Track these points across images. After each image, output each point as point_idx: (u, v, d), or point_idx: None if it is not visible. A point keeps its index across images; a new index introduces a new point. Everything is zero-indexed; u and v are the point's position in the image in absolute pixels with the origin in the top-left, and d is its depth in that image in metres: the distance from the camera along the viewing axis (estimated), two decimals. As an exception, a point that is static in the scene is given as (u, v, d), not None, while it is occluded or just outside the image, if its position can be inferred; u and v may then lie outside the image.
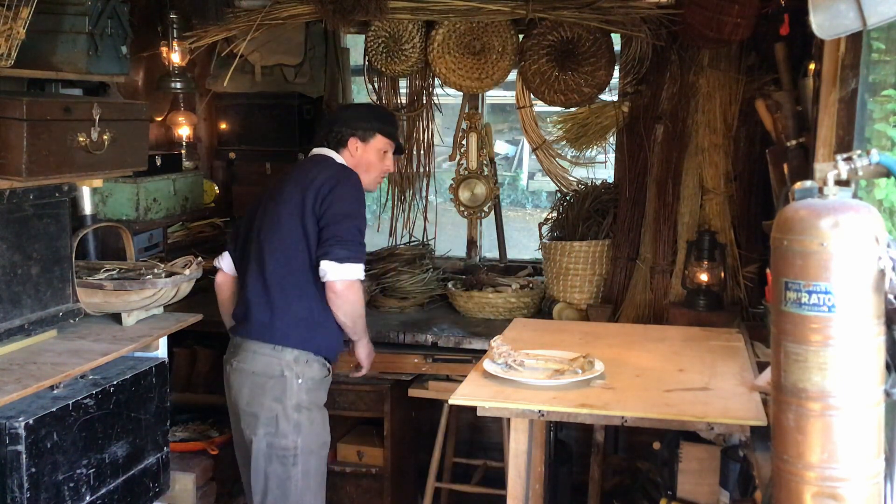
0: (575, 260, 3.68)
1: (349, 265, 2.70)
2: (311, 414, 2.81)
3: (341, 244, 2.70)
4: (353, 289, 2.73)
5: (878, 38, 2.40)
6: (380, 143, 2.97)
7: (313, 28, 4.20)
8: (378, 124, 2.97)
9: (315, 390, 2.83)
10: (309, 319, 2.79)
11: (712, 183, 3.56)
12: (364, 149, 2.95)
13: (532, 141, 4.01)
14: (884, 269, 1.36)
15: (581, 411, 2.18)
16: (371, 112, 3.10)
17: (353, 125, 2.95)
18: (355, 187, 2.82)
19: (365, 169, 2.94)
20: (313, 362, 2.81)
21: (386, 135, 2.99)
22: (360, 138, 2.95)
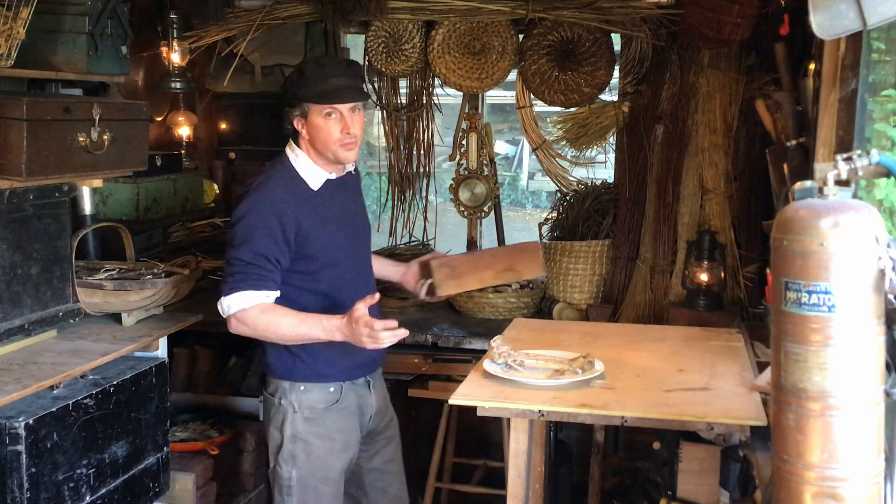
0: (575, 260, 3.68)
1: (218, 303, 2.49)
2: (310, 446, 2.61)
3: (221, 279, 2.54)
4: (232, 323, 2.48)
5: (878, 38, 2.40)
6: (317, 112, 2.50)
7: (313, 28, 4.20)
8: (302, 89, 2.50)
9: (316, 420, 2.61)
10: (281, 348, 2.60)
11: (712, 183, 3.56)
12: (308, 125, 2.53)
13: (532, 141, 4.01)
14: (884, 269, 1.36)
15: (581, 411, 2.18)
16: (293, 76, 2.56)
17: (287, 101, 2.57)
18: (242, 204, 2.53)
19: (321, 146, 2.54)
20: (313, 389, 2.61)
21: (317, 100, 2.49)
22: (298, 115, 2.54)
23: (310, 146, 2.57)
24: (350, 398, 2.65)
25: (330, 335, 2.45)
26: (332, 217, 2.61)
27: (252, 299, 2.45)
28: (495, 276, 2.92)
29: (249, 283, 2.45)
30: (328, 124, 2.50)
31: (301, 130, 2.55)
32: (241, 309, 2.45)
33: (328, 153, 2.55)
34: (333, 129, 2.50)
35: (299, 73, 2.52)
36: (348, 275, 2.64)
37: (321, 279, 2.59)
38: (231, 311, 2.46)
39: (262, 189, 2.54)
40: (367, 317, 2.39)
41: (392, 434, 2.86)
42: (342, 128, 2.50)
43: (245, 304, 2.45)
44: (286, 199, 2.52)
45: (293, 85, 2.52)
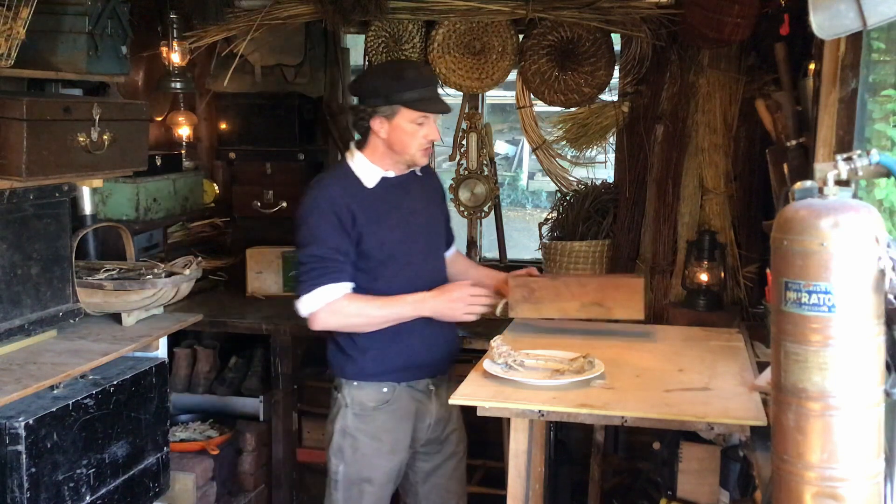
0: (575, 260, 3.67)
1: (296, 303, 2.56)
2: (357, 442, 2.64)
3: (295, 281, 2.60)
4: (316, 320, 2.53)
5: (878, 38, 2.40)
6: (407, 117, 2.53)
7: (313, 28, 4.20)
8: (398, 93, 2.51)
9: (365, 417, 2.64)
10: (336, 347, 2.68)
11: (712, 183, 3.57)
12: (391, 127, 2.55)
13: (532, 141, 4.01)
14: (884, 269, 1.36)
15: (581, 411, 2.18)
16: (387, 76, 2.58)
17: (370, 100, 2.55)
18: (302, 206, 2.59)
19: (399, 148, 2.58)
20: (365, 387, 2.64)
21: (413, 106, 2.52)
22: (384, 116, 2.54)
23: (382, 146, 2.59)
24: (404, 400, 2.66)
25: (417, 310, 2.56)
26: (388, 215, 2.62)
27: (336, 291, 2.52)
28: (579, 309, 2.66)
29: (328, 277, 2.51)
30: (416, 130, 2.55)
31: (379, 130, 2.56)
32: (327, 302, 2.51)
33: (405, 156, 2.59)
34: (420, 134, 2.56)
35: (396, 77, 2.53)
36: (405, 273, 2.64)
37: (378, 277, 2.60)
38: (317, 307, 2.51)
39: (318, 187, 2.60)
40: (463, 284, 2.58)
41: (455, 451, 2.84)
42: (426, 134, 2.57)
43: (330, 297, 2.51)
44: (341, 195, 2.56)
45: (389, 87, 2.52)
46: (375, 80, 2.60)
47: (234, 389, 3.87)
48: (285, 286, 4.21)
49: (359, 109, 2.58)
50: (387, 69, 2.61)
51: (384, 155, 2.60)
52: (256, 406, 3.87)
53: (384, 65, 2.77)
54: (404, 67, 2.60)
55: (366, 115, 2.56)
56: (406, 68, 2.62)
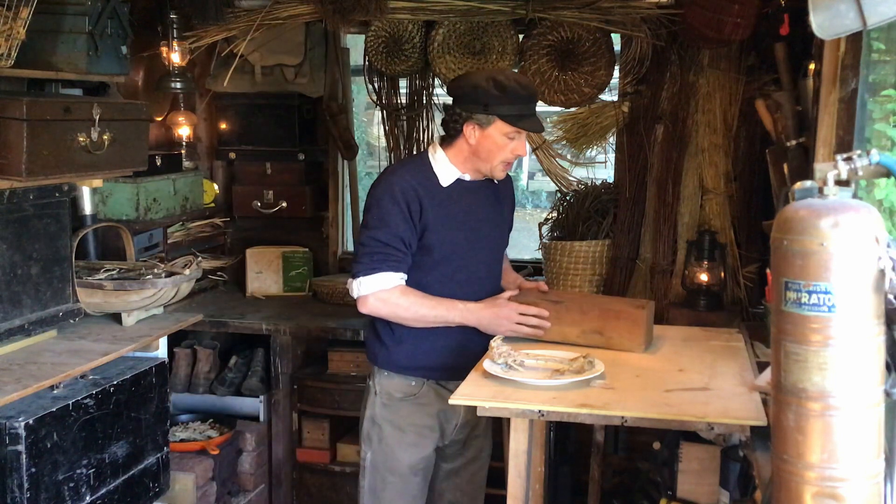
0: (575, 260, 3.68)
1: (351, 282, 2.59)
2: (382, 431, 2.68)
3: (353, 259, 2.63)
4: (367, 304, 2.56)
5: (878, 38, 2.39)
6: (501, 129, 2.53)
7: (313, 28, 4.20)
8: (498, 105, 2.50)
9: (392, 407, 2.68)
10: (373, 334, 2.72)
11: (712, 183, 3.56)
12: (482, 135, 2.54)
13: (532, 141, 4.00)
14: (884, 269, 1.36)
15: (581, 411, 2.17)
16: (491, 85, 2.52)
17: (468, 105, 2.54)
18: (377, 188, 2.62)
19: (485, 157, 2.58)
20: (394, 377, 2.68)
21: (509, 120, 2.52)
22: (478, 123, 2.54)
23: (468, 151, 2.59)
24: (430, 397, 2.68)
25: (464, 318, 2.59)
26: (455, 216, 2.63)
27: (392, 280, 2.54)
28: (579, 336, 2.63)
29: (388, 265, 2.53)
30: (506, 143, 2.55)
31: (469, 136, 2.55)
32: (381, 289, 2.53)
33: (488, 165, 2.59)
34: (508, 148, 2.56)
35: (500, 88, 2.50)
36: (460, 275, 2.66)
37: (431, 272, 2.62)
38: (370, 291, 2.53)
39: (396, 174, 2.61)
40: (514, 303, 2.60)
41: (477, 456, 2.86)
42: (515, 149, 2.57)
43: (385, 285, 2.53)
44: (414, 187, 2.57)
45: (490, 96, 2.50)
46: (478, 85, 2.53)
47: (234, 389, 3.87)
48: (285, 286, 4.22)
49: (454, 111, 2.57)
50: (491, 76, 2.54)
51: (467, 160, 2.61)
52: (256, 406, 3.87)
53: (489, 71, 2.70)
54: (509, 79, 2.54)
55: (460, 119, 2.55)
56: (511, 80, 2.55)
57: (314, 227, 4.41)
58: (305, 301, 4.15)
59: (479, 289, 2.70)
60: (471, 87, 2.56)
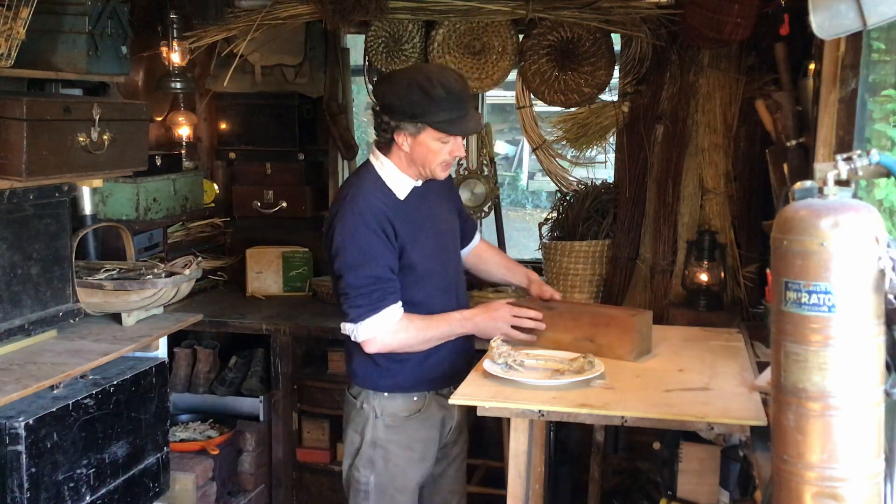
0: (575, 260, 3.67)
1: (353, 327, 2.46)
2: (388, 453, 2.58)
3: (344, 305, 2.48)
4: (375, 343, 2.46)
5: (878, 38, 2.39)
6: (432, 136, 2.43)
7: (313, 28, 4.20)
8: (426, 115, 2.39)
9: (397, 427, 2.59)
10: (367, 359, 2.57)
11: (712, 183, 3.56)
12: (415, 143, 2.44)
13: (532, 141, 4.01)
14: (884, 269, 1.36)
15: (581, 411, 2.17)
16: (415, 92, 2.39)
17: (398, 113, 2.42)
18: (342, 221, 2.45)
19: (421, 163, 2.48)
20: (396, 397, 2.59)
21: (439, 127, 2.41)
22: (409, 132, 2.43)
23: (405, 158, 2.50)
24: (433, 408, 2.64)
25: (464, 327, 2.55)
26: (422, 224, 2.57)
27: (396, 313, 2.46)
28: (572, 343, 2.60)
29: (389, 300, 2.44)
30: (440, 148, 2.46)
31: (402, 144, 2.46)
32: (387, 327, 2.45)
33: (425, 170, 2.51)
34: (443, 152, 2.47)
35: (426, 96, 2.38)
36: (442, 283, 2.63)
37: (418, 289, 2.55)
38: (377, 332, 2.44)
39: (360, 201, 2.46)
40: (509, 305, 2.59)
41: (461, 452, 2.85)
42: (451, 151, 2.48)
43: (393, 320, 2.45)
44: (382, 209, 2.47)
45: (415, 105, 2.38)
46: (402, 94, 2.40)
47: (234, 389, 3.87)
48: (285, 286, 4.22)
49: (382, 120, 2.46)
50: (415, 82, 2.39)
51: (408, 165, 2.52)
52: (256, 406, 3.87)
53: (413, 75, 2.47)
54: (434, 84, 2.38)
55: (388, 128, 2.45)
56: (436, 85, 2.39)
57: (314, 227, 4.41)
58: (305, 301, 4.15)
59: (457, 291, 2.68)
60: (396, 95, 2.42)
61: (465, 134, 2.51)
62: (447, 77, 2.46)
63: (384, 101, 2.46)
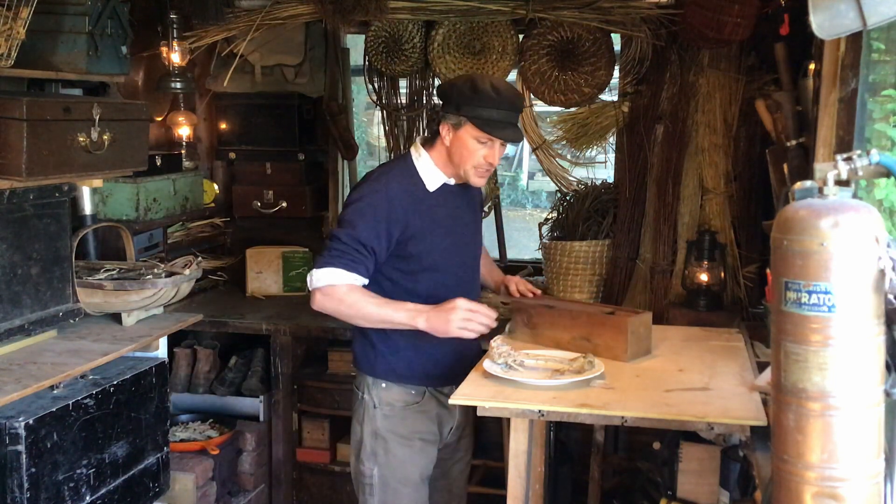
0: (575, 260, 3.67)
1: (314, 273, 2.50)
2: (388, 444, 2.60)
3: None
4: (314, 299, 2.50)
5: (878, 38, 2.39)
6: (471, 133, 2.48)
7: (313, 28, 4.20)
8: (470, 107, 2.45)
9: (394, 418, 2.61)
10: (366, 342, 2.63)
11: (712, 183, 3.56)
12: (455, 137, 2.50)
13: (532, 141, 4.01)
14: (884, 269, 1.36)
15: (581, 411, 2.18)
16: (466, 86, 2.48)
17: (446, 103, 2.52)
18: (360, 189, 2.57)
19: (457, 161, 2.54)
20: (393, 387, 2.61)
21: (478, 124, 2.46)
22: (451, 124, 2.51)
23: (445, 153, 2.56)
24: (431, 404, 2.64)
25: (411, 318, 2.45)
26: (441, 222, 2.59)
27: (342, 277, 2.46)
28: (570, 343, 2.62)
29: (342, 263, 2.46)
30: (477, 149, 2.49)
31: (445, 137, 2.53)
32: (328, 284, 2.46)
33: (459, 171, 2.55)
34: (479, 154, 2.50)
35: (473, 90, 2.46)
36: (449, 281, 2.61)
37: (420, 280, 2.57)
38: (319, 285, 2.47)
39: (381, 180, 2.55)
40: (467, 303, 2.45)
41: (463, 455, 2.85)
42: (486, 156, 2.51)
43: (334, 281, 2.46)
44: (400, 197, 2.52)
45: (462, 97, 2.46)
46: (455, 86, 2.52)
47: (234, 389, 3.87)
48: (285, 286, 4.22)
49: (435, 111, 2.60)
50: (471, 78, 2.51)
51: (447, 163, 2.57)
52: (256, 406, 3.87)
53: (472, 75, 2.70)
54: (486, 81, 2.48)
55: (436, 118, 2.53)
56: (487, 83, 2.48)
57: (314, 227, 4.41)
58: (305, 301, 4.09)
59: (466, 293, 2.61)
60: (450, 86, 2.54)
61: (503, 138, 2.50)
62: (502, 82, 2.55)
63: (441, 89, 2.58)
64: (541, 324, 2.73)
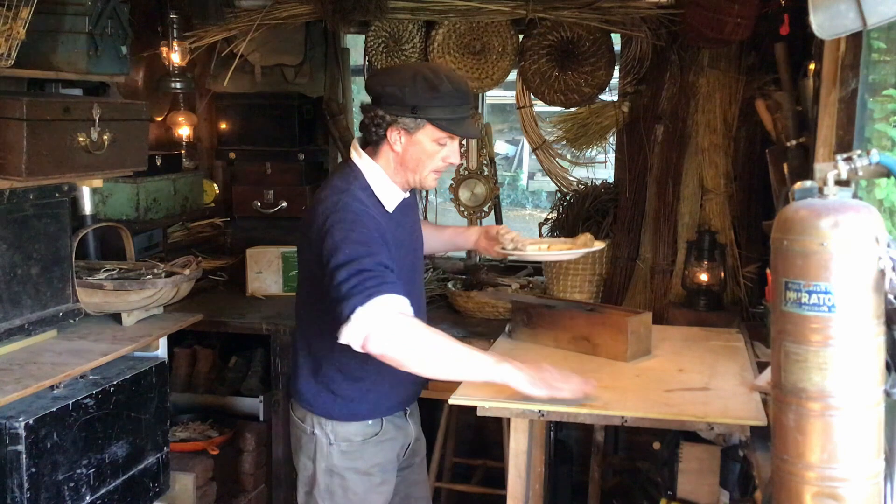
0: (575, 260, 3.67)
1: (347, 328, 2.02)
2: (346, 482, 2.35)
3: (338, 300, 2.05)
4: (376, 337, 2.01)
5: (878, 38, 2.39)
6: (431, 135, 2.21)
7: (313, 28, 4.20)
8: (429, 108, 2.18)
9: (353, 453, 2.35)
10: (322, 388, 2.34)
11: (712, 183, 3.56)
12: (409, 142, 2.22)
13: (532, 141, 4.01)
14: (884, 269, 1.36)
15: (581, 411, 2.18)
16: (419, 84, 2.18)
17: (392, 107, 2.20)
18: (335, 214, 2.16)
19: (412, 167, 2.25)
20: (352, 424, 2.35)
21: (440, 125, 2.19)
22: (405, 128, 2.20)
23: (394, 161, 2.26)
24: (390, 431, 2.42)
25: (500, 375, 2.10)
26: (403, 240, 2.35)
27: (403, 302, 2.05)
28: (570, 342, 2.60)
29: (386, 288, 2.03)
30: (436, 151, 2.24)
31: (394, 142, 2.23)
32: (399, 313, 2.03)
33: (413, 177, 2.28)
34: (438, 156, 2.25)
35: (432, 89, 2.18)
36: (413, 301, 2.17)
37: None
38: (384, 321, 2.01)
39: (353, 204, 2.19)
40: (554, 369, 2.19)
41: (420, 458, 2.66)
42: (446, 157, 2.26)
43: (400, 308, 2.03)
44: (375, 217, 2.21)
45: (419, 98, 2.17)
46: (406, 84, 2.19)
47: (234, 389, 3.87)
48: (285, 286, 4.22)
49: (376, 114, 2.23)
50: (420, 74, 2.19)
51: (395, 171, 2.28)
52: (256, 406, 3.87)
53: (417, 67, 2.30)
54: (441, 77, 2.20)
55: (383, 122, 2.21)
56: (444, 79, 2.20)
57: (314, 227, 4.40)
58: (305, 301, 4.14)
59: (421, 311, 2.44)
60: (395, 85, 2.20)
61: (466, 135, 2.29)
62: (453, 74, 2.30)
63: (382, 90, 2.23)
64: (541, 324, 2.73)
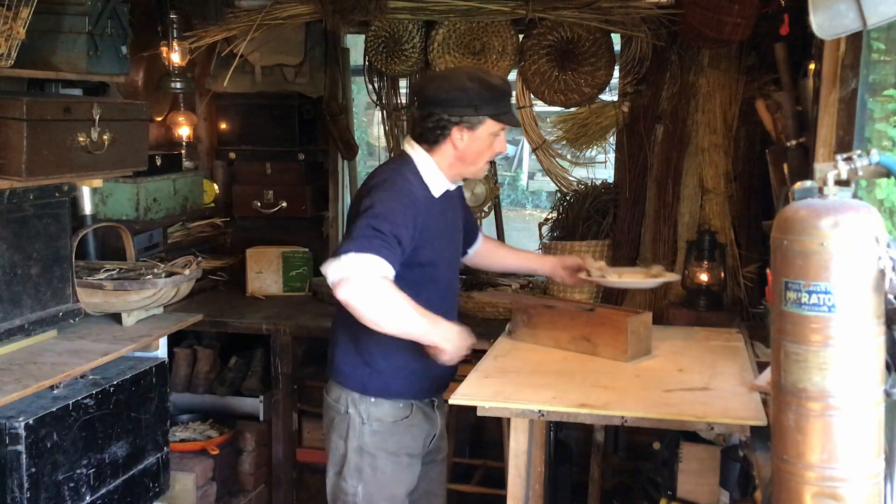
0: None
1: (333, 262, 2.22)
2: (376, 461, 2.49)
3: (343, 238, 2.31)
4: (348, 285, 2.20)
5: (878, 38, 2.40)
6: (489, 128, 2.45)
7: (313, 28, 4.20)
8: (487, 105, 2.42)
9: (384, 433, 2.49)
10: (358, 360, 2.50)
11: (712, 183, 3.57)
12: (472, 137, 2.44)
13: (532, 141, 4.01)
14: (884, 269, 1.36)
15: (581, 411, 2.18)
16: (476, 85, 2.43)
17: (456, 108, 2.42)
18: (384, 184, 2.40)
19: (472, 160, 2.48)
20: (383, 403, 2.49)
21: (497, 118, 2.44)
22: (469, 126, 2.43)
23: (453, 156, 2.46)
24: (419, 417, 2.56)
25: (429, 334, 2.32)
26: (444, 229, 2.53)
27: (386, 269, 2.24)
28: (570, 342, 2.63)
29: (386, 254, 2.24)
30: (493, 141, 2.47)
31: (456, 140, 2.43)
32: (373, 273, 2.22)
33: (472, 168, 2.50)
34: (494, 146, 2.48)
35: (488, 88, 2.42)
36: (444, 289, 2.56)
37: (422, 290, 2.40)
38: (357, 273, 2.20)
39: (400, 181, 2.42)
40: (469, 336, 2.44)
41: (443, 456, 2.78)
42: (498, 145, 2.50)
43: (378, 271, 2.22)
44: (420, 199, 2.42)
45: (481, 98, 2.40)
46: (466, 86, 2.42)
47: (234, 389, 3.87)
48: (285, 286, 4.22)
49: (440, 117, 2.42)
50: (474, 76, 2.44)
51: (451, 165, 2.48)
52: (256, 406, 3.87)
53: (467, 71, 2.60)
54: (492, 77, 2.48)
55: (448, 124, 2.42)
56: (494, 79, 2.48)
57: (314, 227, 4.41)
58: (305, 301, 4.14)
59: (454, 301, 2.63)
60: (457, 89, 2.42)
61: (516, 124, 2.59)
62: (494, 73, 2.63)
63: (446, 95, 2.43)
64: (541, 324, 2.73)
